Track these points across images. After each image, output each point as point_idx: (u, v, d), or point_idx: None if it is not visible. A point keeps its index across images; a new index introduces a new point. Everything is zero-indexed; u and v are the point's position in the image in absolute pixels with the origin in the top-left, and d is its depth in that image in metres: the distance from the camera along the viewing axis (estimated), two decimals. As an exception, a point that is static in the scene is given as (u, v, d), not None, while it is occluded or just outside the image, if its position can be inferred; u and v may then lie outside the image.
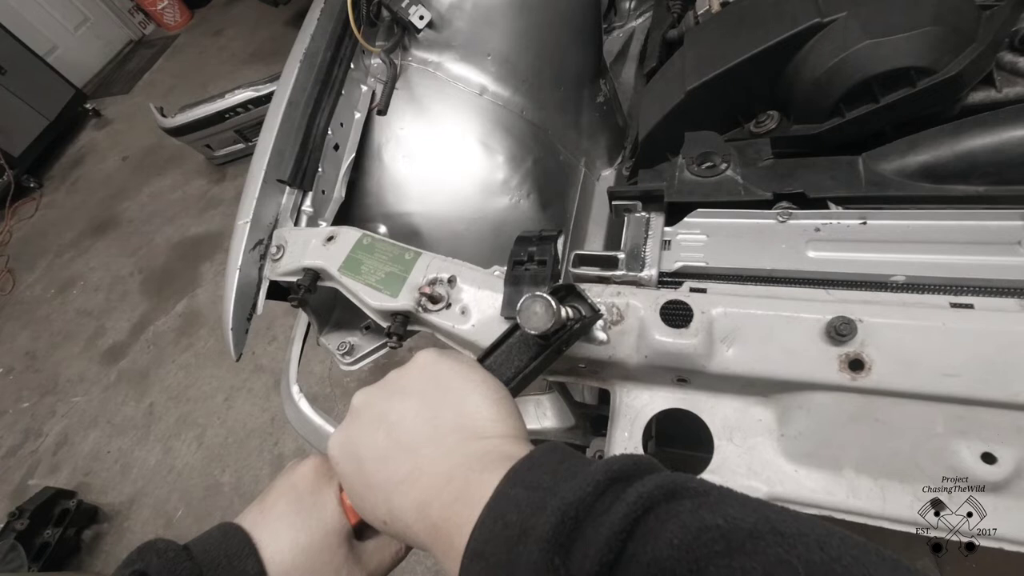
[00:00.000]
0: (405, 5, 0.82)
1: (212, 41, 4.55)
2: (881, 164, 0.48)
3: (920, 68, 0.48)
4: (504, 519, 0.25)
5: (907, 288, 0.43)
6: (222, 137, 3.04)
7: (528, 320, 0.35)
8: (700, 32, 0.68)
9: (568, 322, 0.38)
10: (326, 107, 0.81)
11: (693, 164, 0.55)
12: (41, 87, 3.76)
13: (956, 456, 0.39)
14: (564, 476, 0.26)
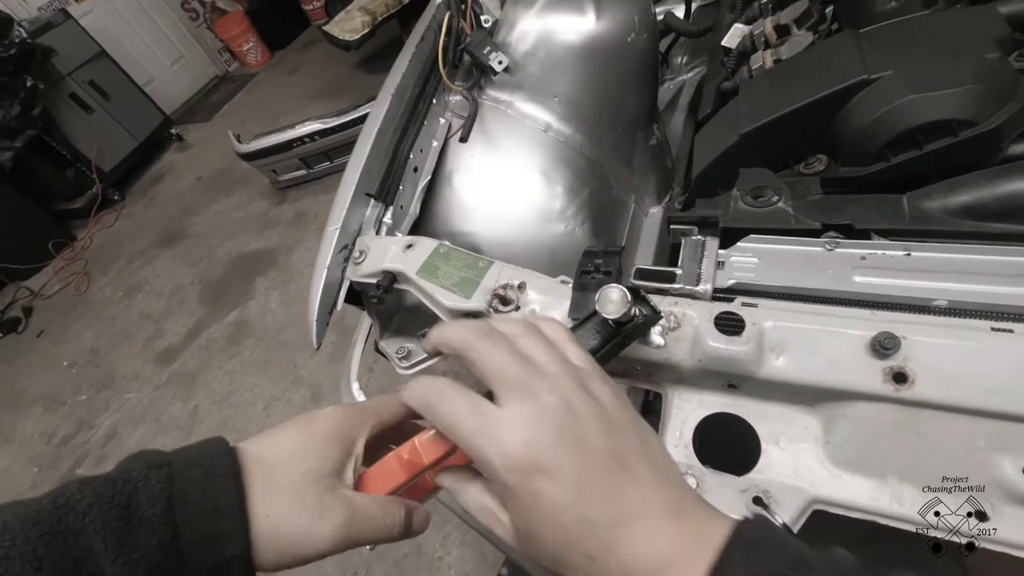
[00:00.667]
0: (486, 52, 0.94)
1: (286, 79, 4.99)
2: (924, 202, 0.53)
3: (961, 120, 0.54)
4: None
5: (949, 312, 0.47)
6: (287, 164, 3.30)
7: (605, 306, 0.41)
8: (754, 84, 0.75)
9: (635, 316, 0.43)
10: (411, 135, 0.92)
11: (747, 195, 0.61)
12: (136, 112, 4.21)
13: (998, 469, 0.42)
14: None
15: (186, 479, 0.29)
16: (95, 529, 0.26)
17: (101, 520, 0.26)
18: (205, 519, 0.29)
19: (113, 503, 0.27)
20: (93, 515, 0.27)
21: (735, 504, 0.48)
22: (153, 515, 0.28)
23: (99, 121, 3.90)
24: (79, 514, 0.27)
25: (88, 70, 3.83)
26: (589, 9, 0.93)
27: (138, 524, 0.27)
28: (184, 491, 0.29)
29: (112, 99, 3.98)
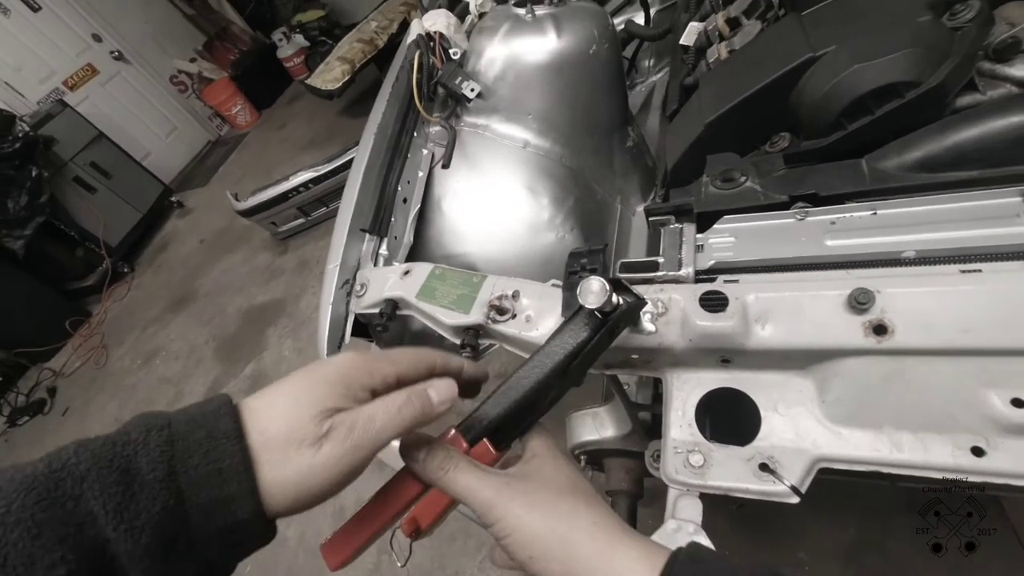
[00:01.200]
0: (458, 82, 0.99)
1: (276, 134, 5.16)
2: (882, 163, 0.55)
3: (906, 82, 0.57)
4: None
5: (919, 262, 0.49)
6: (285, 214, 3.39)
7: (587, 297, 0.43)
8: (712, 75, 0.79)
9: (618, 304, 0.46)
10: (396, 168, 0.97)
11: (717, 180, 0.64)
12: (137, 186, 4.36)
13: (987, 404, 0.43)
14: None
15: (188, 441, 0.28)
16: (94, 495, 0.25)
17: (99, 485, 0.26)
18: (210, 482, 0.28)
19: (112, 467, 0.26)
20: (91, 480, 0.26)
21: (743, 473, 0.50)
22: (154, 479, 0.27)
23: (103, 199, 4.04)
24: (76, 479, 0.26)
25: (89, 153, 3.99)
26: (549, 29, 0.98)
27: (139, 489, 0.26)
28: (186, 454, 0.28)
29: (113, 177, 4.13)
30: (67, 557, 0.24)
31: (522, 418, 0.44)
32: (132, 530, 0.26)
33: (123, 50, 4.61)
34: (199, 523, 0.28)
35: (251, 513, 0.29)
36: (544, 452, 0.42)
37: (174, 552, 0.27)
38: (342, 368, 0.35)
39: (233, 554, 0.30)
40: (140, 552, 0.26)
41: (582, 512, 0.36)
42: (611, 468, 0.85)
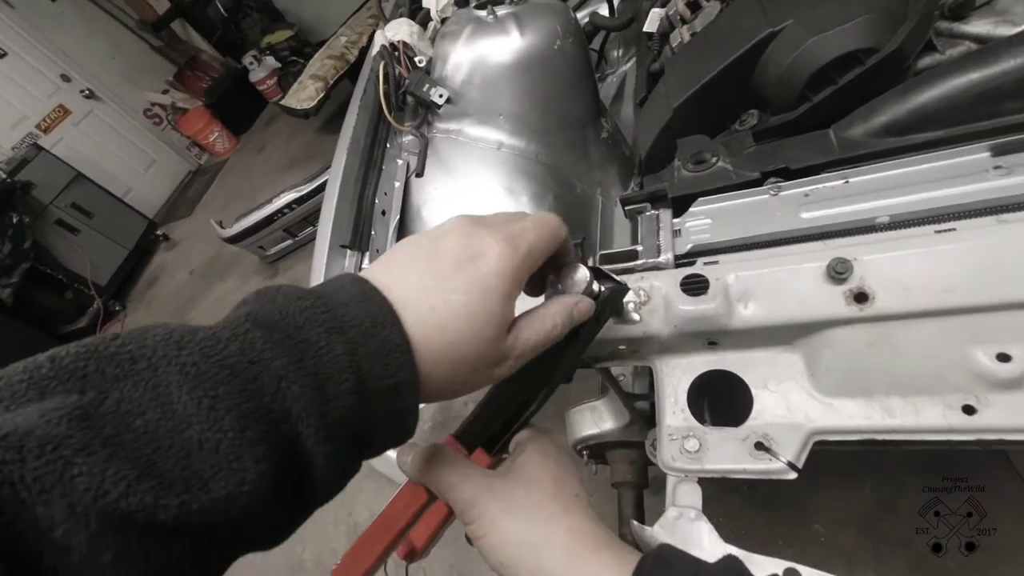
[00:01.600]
0: (426, 89, 0.98)
1: (256, 158, 5.13)
2: (849, 131, 0.55)
3: (865, 49, 0.57)
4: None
5: (893, 226, 0.49)
6: (272, 237, 3.37)
7: (571, 286, 0.43)
8: (676, 60, 0.79)
9: (600, 291, 0.45)
10: (372, 181, 0.96)
11: (688, 163, 0.64)
12: (121, 223, 4.33)
13: (973, 361, 0.43)
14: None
15: (367, 349, 0.28)
16: (294, 396, 0.25)
17: (298, 387, 0.25)
18: (389, 395, 0.29)
19: (305, 369, 0.26)
20: (289, 380, 0.25)
21: (740, 454, 0.50)
22: (347, 389, 0.27)
23: (87, 239, 4.01)
24: (274, 376, 0.25)
25: (69, 194, 3.96)
26: (512, 28, 0.98)
27: (333, 396, 0.27)
28: (368, 365, 0.28)
29: (96, 216, 4.10)
30: (269, 453, 0.24)
31: (514, 420, 0.44)
32: (331, 436, 0.26)
33: (93, 88, 4.57)
34: (379, 430, 0.29)
35: (415, 421, 0.31)
36: (531, 450, 0.41)
37: (359, 455, 0.29)
38: (506, 280, 0.33)
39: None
40: (335, 453, 0.27)
41: (559, 519, 0.36)
42: (614, 460, 0.85)
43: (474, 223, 0.35)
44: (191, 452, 0.22)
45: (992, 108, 0.49)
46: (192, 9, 5.06)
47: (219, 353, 0.25)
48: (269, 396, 0.25)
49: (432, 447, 0.38)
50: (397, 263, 0.33)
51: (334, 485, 0.28)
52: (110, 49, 4.78)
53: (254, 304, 0.28)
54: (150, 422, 0.22)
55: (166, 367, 0.23)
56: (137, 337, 0.24)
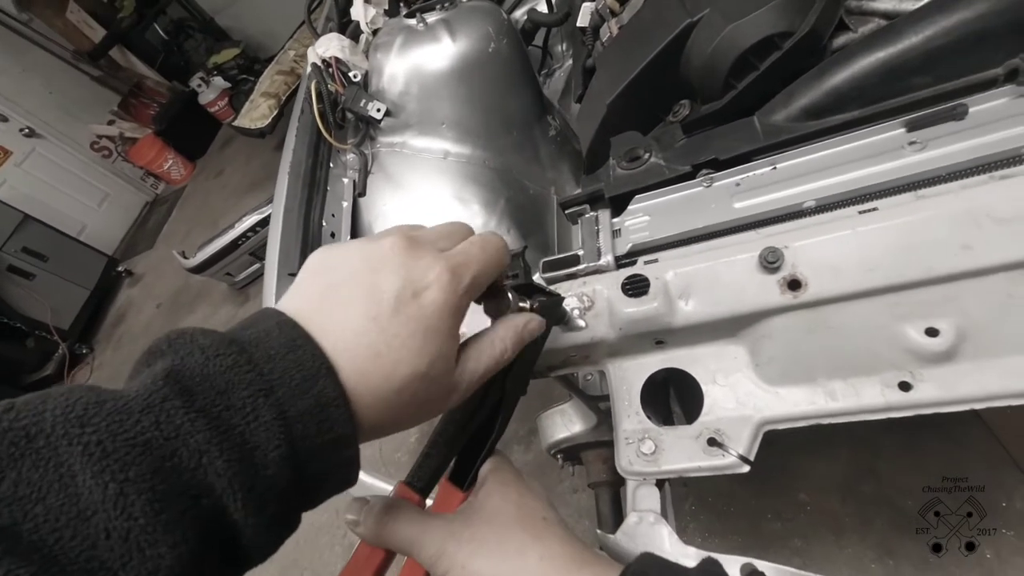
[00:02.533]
0: (363, 104, 0.96)
1: (215, 183, 5.00)
2: (772, 117, 0.56)
3: (780, 33, 0.57)
4: None
5: (819, 210, 0.49)
6: (239, 263, 3.29)
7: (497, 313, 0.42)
8: (606, 55, 0.79)
9: (533, 308, 0.44)
10: (317, 204, 0.94)
11: (622, 161, 0.63)
12: (78, 263, 4.17)
13: (905, 338, 0.44)
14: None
15: (299, 409, 0.26)
16: (216, 471, 0.23)
17: (222, 463, 0.23)
18: (326, 453, 0.27)
19: (230, 441, 0.24)
20: (212, 456, 0.23)
21: (694, 451, 0.50)
22: (278, 457, 0.25)
23: (43, 284, 3.85)
24: (193, 451, 0.23)
25: (18, 239, 3.80)
26: (443, 35, 0.96)
27: (262, 465, 0.25)
28: (301, 427, 0.26)
29: (50, 259, 3.94)
30: (187, 535, 0.22)
31: (475, 448, 0.42)
32: (260, 507, 0.25)
33: (33, 126, 4.38)
34: (318, 485, 0.28)
35: (356, 469, 0.29)
36: (492, 481, 0.40)
37: (294, 515, 0.28)
38: (448, 316, 0.31)
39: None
40: (266, 523, 0.25)
41: (529, 549, 0.35)
42: (588, 461, 0.85)
43: (414, 245, 0.32)
44: (97, 542, 0.20)
45: (902, 84, 0.49)
46: (130, 34, 4.89)
47: (130, 430, 0.22)
48: (189, 472, 0.23)
49: (383, 504, 0.37)
50: (330, 301, 0.30)
51: (267, 550, 0.27)
52: (46, 83, 4.59)
53: (172, 358, 0.26)
54: (51, 508, 0.20)
55: (67, 447, 0.21)
56: (34, 409, 0.22)
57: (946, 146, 0.47)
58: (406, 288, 0.30)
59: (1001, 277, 0.40)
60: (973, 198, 0.42)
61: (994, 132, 0.45)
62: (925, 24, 0.47)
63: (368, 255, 0.32)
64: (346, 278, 0.31)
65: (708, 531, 1.49)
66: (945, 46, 0.47)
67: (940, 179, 0.45)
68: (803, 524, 1.41)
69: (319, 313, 0.29)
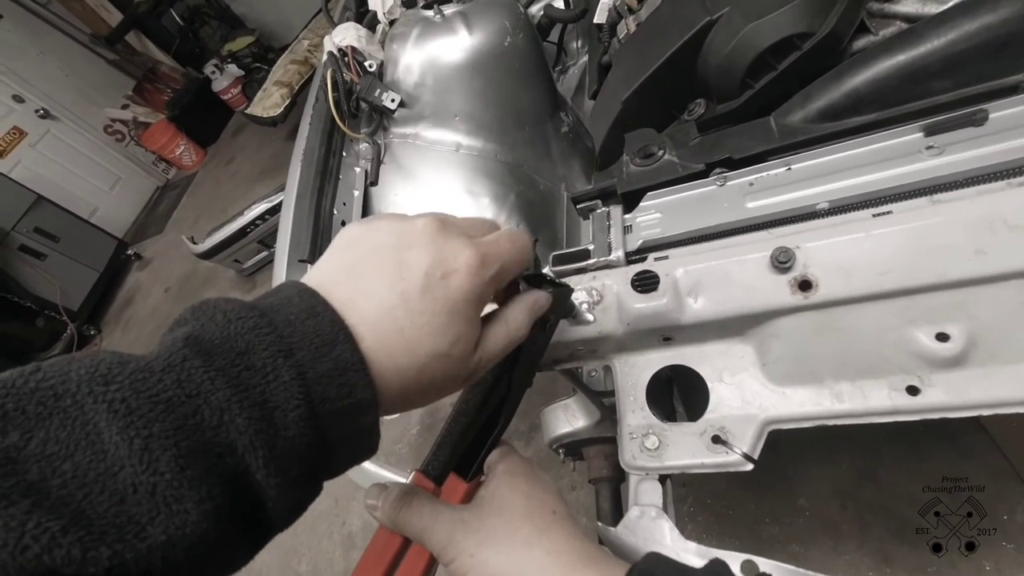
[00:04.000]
0: (378, 94, 0.97)
1: (225, 170, 5.02)
2: (788, 118, 0.56)
3: (800, 34, 0.57)
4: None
5: (833, 212, 0.49)
6: (247, 250, 3.31)
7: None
8: (623, 51, 0.79)
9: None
10: (328, 192, 0.94)
11: (636, 157, 0.63)
12: (89, 245, 4.21)
13: (915, 342, 0.44)
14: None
15: (317, 371, 0.26)
16: (237, 429, 0.24)
17: (243, 420, 0.24)
18: (346, 418, 0.27)
19: (249, 400, 0.24)
20: (232, 413, 0.24)
21: (698, 448, 0.50)
22: (298, 417, 0.25)
23: (55, 264, 3.89)
24: (215, 408, 0.23)
25: (31, 219, 3.83)
26: (460, 27, 0.96)
27: (282, 426, 0.25)
28: (320, 388, 0.26)
29: (62, 240, 3.98)
30: (212, 492, 0.22)
31: (481, 440, 0.43)
32: (282, 467, 0.25)
33: (48, 107, 4.41)
34: (338, 451, 0.28)
35: (377, 438, 0.30)
36: (500, 472, 0.40)
37: (316, 480, 0.28)
38: (473, 302, 0.32)
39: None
40: (288, 484, 0.25)
41: (536, 543, 0.35)
42: (590, 457, 0.85)
43: (447, 228, 0.32)
44: (125, 497, 0.21)
45: (922, 88, 0.49)
46: (146, 19, 4.91)
47: (152, 387, 0.23)
48: (211, 430, 0.23)
49: (400, 490, 0.37)
50: (357, 273, 0.30)
51: (290, 515, 0.27)
52: (63, 66, 4.62)
53: (193, 324, 0.26)
54: (79, 465, 0.21)
55: (93, 404, 0.22)
56: (60, 370, 0.22)
57: (964, 151, 0.46)
58: (436, 267, 0.30)
59: (1015, 284, 0.40)
60: (989, 204, 0.42)
61: (1014, 139, 0.44)
62: (948, 28, 0.47)
63: (401, 232, 0.32)
64: (375, 251, 0.31)
65: (706, 532, 1.49)
66: (967, 51, 0.47)
67: (956, 184, 0.45)
68: (801, 529, 1.41)
69: (344, 285, 0.30)
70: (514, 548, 0.35)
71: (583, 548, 0.36)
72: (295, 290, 0.29)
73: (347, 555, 2.04)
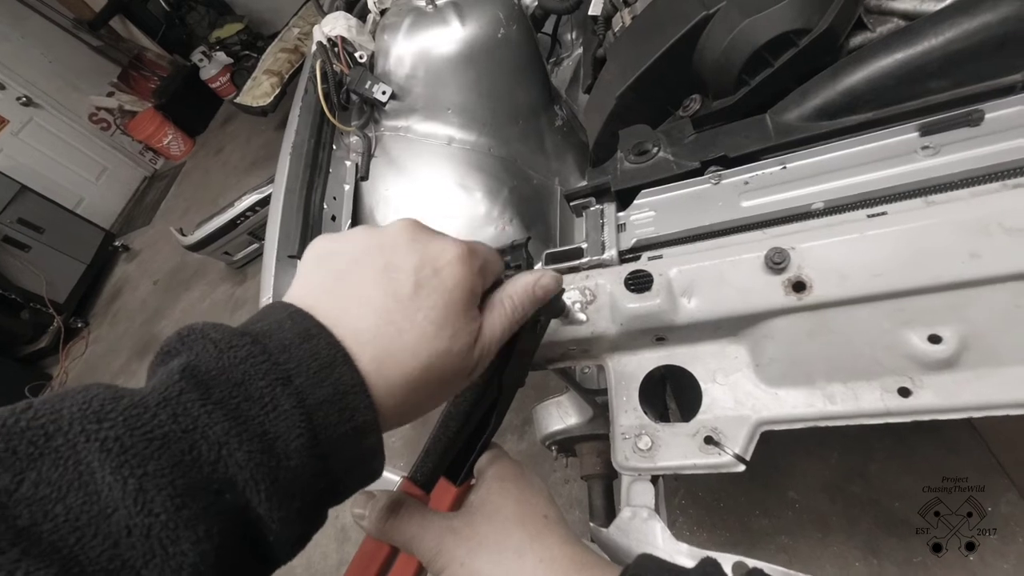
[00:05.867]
0: (368, 86, 0.95)
1: (215, 160, 4.95)
2: (784, 116, 0.55)
3: (797, 30, 0.56)
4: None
5: (828, 212, 0.49)
6: (237, 242, 3.26)
7: None
8: (618, 45, 0.77)
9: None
10: (318, 186, 0.93)
11: (630, 154, 0.62)
12: (75, 236, 4.14)
13: (907, 344, 0.44)
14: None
15: (318, 397, 0.26)
16: (237, 464, 0.23)
17: (242, 455, 0.23)
18: (349, 442, 0.26)
19: (249, 432, 0.23)
20: (232, 448, 0.23)
21: (690, 449, 0.50)
22: (300, 447, 0.24)
23: (40, 256, 3.82)
24: (212, 443, 0.23)
25: (14, 209, 3.76)
26: (452, 18, 0.95)
27: (284, 456, 0.24)
28: (322, 415, 0.25)
29: (47, 231, 3.91)
30: (211, 532, 0.22)
31: (471, 443, 0.42)
32: (285, 500, 0.24)
33: (31, 94, 4.31)
34: (344, 477, 0.27)
35: (382, 460, 0.29)
36: (491, 477, 0.40)
37: (321, 508, 0.27)
38: (468, 301, 0.31)
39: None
40: (291, 517, 0.24)
41: (528, 550, 0.35)
42: (582, 453, 0.85)
43: (424, 229, 0.32)
44: (119, 540, 0.20)
45: (919, 87, 0.49)
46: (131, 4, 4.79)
47: (147, 424, 0.22)
48: (210, 466, 0.23)
49: (388, 500, 0.36)
50: (343, 286, 0.29)
51: (294, 548, 0.26)
52: (46, 52, 4.50)
53: (188, 354, 0.25)
54: (72, 507, 0.20)
55: (85, 443, 0.21)
56: (52, 408, 0.22)
57: (960, 152, 0.46)
58: (424, 264, 0.30)
59: (1009, 287, 0.40)
60: (984, 206, 0.42)
61: (1010, 139, 0.44)
62: (946, 26, 0.47)
63: (379, 239, 0.31)
64: (357, 261, 0.30)
65: (697, 525, 1.50)
66: (965, 50, 0.46)
67: (952, 185, 0.45)
68: (791, 521, 1.43)
69: (331, 300, 0.29)
70: (505, 556, 0.34)
71: (575, 554, 0.35)
72: (285, 312, 0.28)
73: (340, 548, 2.04)
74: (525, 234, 0.98)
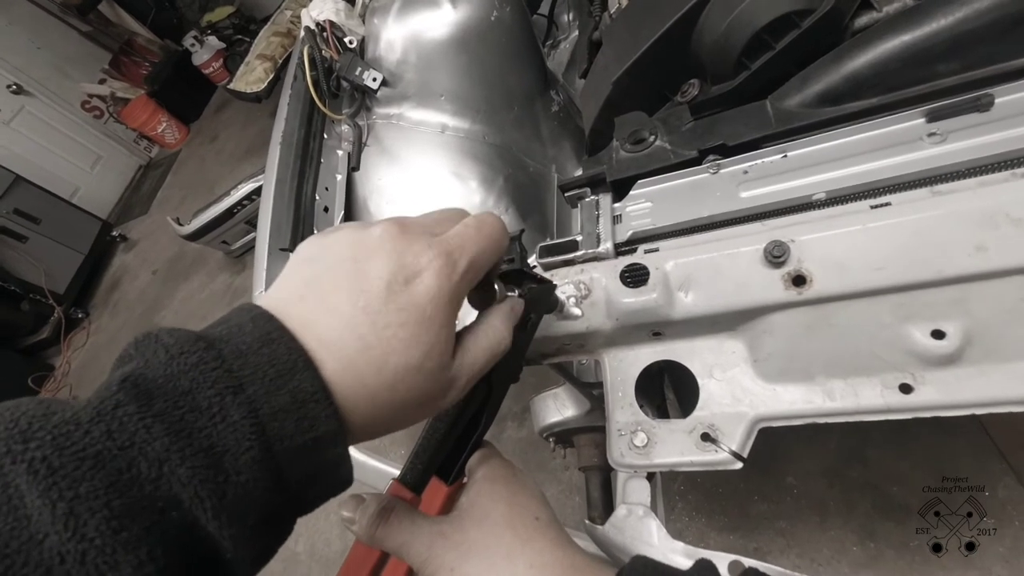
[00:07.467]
0: (359, 72, 0.92)
1: (210, 148, 4.89)
2: (785, 102, 0.53)
3: (799, 11, 0.53)
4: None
5: (830, 203, 0.47)
6: (235, 231, 3.24)
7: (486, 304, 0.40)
8: (613, 28, 0.75)
9: (521, 295, 0.43)
10: (309, 177, 0.91)
11: (626, 143, 0.61)
12: (72, 227, 4.12)
13: (909, 339, 0.43)
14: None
15: (273, 407, 0.24)
16: (180, 481, 0.22)
17: (185, 472, 0.22)
18: (307, 455, 0.25)
19: (193, 446, 0.22)
20: (173, 464, 0.21)
21: (687, 446, 0.49)
22: (250, 460, 0.23)
23: (37, 247, 3.81)
24: (153, 460, 0.21)
25: (9, 200, 3.73)
26: (443, 0, 0.91)
27: (233, 471, 0.23)
28: (277, 426, 0.24)
29: (43, 221, 3.88)
30: (154, 553, 0.20)
31: (463, 441, 0.42)
32: (235, 516, 0.23)
33: (20, 82, 4.24)
34: (307, 488, 0.26)
35: (349, 469, 0.28)
36: (481, 478, 0.39)
37: (281, 522, 0.26)
38: (446, 316, 0.29)
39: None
40: (245, 534, 0.23)
41: (519, 554, 0.34)
42: (580, 445, 0.85)
43: (405, 231, 0.30)
44: (52, 568, 0.19)
45: (926, 71, 0.46)
46: (120, -12, 4.69)
47: (78, 442, 0.21)
48: (151, 484, 0.21)
49: (378, 505, 0.35)
50: (314, 291, 0.28)
51: (255, 564, 0.25)
52: (34, 38, 4.42)
53: (136, 361, 0.24)
54: (1, 535, 0.19)
55: (12, 466, 0.20)
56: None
57: (967, 139, 0.44)
58: (397, 275, 0.28)
59: (1015, 281, 0.39)
60: (992, 196, 0.40)
61: (1020, 126, 0.42)
62: (957, 5, 0.44)
63: (358, 242, 0.29)
64: (332, 266, 0.29)
65: (696, 510, 1.51)
66: (976, 31, 0.44)
67: (958, 174, 0.43)
68: (789, 506, 1.44)
69: (301, 305, 0.27)
70: (495, 561, 0.34)
71: (567, 557, 0.35)
72: (248, 316, 0.26)
73: (344, 535, 2.06)
74: (520, 224, 0.96)
